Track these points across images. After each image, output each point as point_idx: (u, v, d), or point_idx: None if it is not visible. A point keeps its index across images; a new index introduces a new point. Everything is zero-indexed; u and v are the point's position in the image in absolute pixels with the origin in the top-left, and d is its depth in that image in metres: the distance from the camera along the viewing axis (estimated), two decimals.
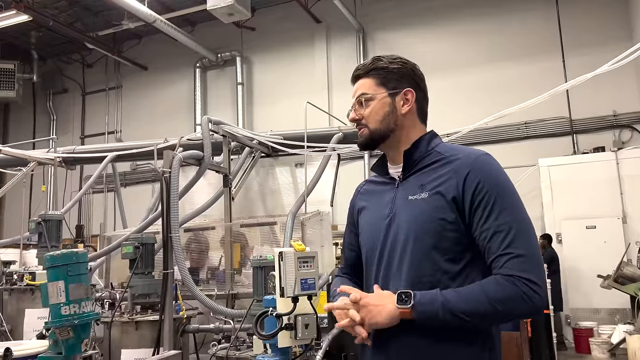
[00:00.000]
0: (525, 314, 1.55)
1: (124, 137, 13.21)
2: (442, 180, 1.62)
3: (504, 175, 1.62)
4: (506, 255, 1.50)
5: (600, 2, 9.91)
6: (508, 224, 1.52)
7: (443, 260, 1.58)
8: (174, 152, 4.19)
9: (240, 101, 12.20)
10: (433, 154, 1.71)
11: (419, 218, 1.62)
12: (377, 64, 1.78)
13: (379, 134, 1.75)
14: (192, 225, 5.00)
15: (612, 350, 7.43)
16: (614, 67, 4.22)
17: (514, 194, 1.60)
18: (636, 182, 8.64)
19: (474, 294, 1.50)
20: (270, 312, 2.91)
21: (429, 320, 1.50)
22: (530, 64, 10.12)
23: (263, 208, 5.66)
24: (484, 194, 1.56)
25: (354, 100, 1.80)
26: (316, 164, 5.21)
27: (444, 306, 1.48)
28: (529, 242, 1.53)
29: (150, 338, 4.11)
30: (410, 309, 1.49)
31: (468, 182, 1.57)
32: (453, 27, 10.81)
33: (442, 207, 1.59)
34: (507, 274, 1.48)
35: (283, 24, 12.12)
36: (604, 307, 8.39)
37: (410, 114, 1.77)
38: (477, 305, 1.48)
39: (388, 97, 1.75)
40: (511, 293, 1.47)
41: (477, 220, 1.55)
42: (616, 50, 9.04)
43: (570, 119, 9.87)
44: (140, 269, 4.35)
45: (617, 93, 9.41)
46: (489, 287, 1.49)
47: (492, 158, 1.66)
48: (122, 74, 13.83)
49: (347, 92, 7.52)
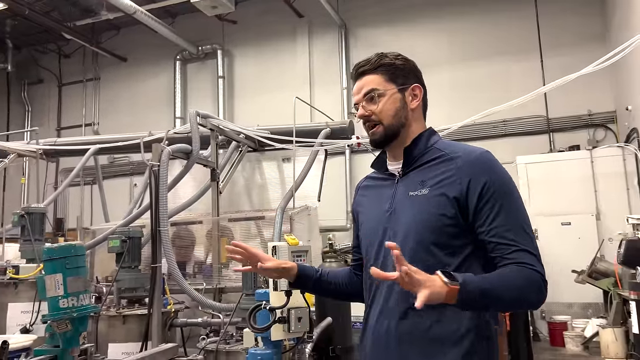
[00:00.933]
0: (536, 304, 1.58)
1: (101, 130, 13.00)
2: (443, 177, 1.65)
3: (506, 173, 1.66)
4: (523, 251, 1.55)
5: (577, 2, 10.12)
6: (517, 223, 1.58)
7: (443, 254, 1.61)
8: (163, 146, 4.16)
9: (221, 95, 12.11)
10: (433, 151, 1.73)
11: (419, 213, 1.64)
12: (384, 60, 1.77)
13: (392, 130, 1.75)
14: (178, 219, 4.98)
15: (586, 344, 7.64)
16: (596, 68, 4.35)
17: (517, 192, 1.66)
18: (609, 180, 8.86)
19: (507, 279, 1.52)
20: (264, 305, 2.93)
21: (472, 299, 1.45)
22: (509, 63, 10.27)
23: (249, 202, 5.66)
24: (491, 194, 1.59)
25: (360, 96, 1.77)
26: (302, 159, 5.23)
27: (482, 289, 1.46)
28: (535, 242, 1.61)
29: (138, 332, 4.10)
30: (459, 286, 1.42)
31: (473, 183, 1.60)
32: (434, 24, 10.91)
33: (443, 203, 1.61)
34: (532, 268, 1.54)
35: (265, 17, 12.06)
36: (577, 302, 8.59)
37: (418, 109, 1.80)
38: (508, 291, 1.51)
39: (398, 92, 1.76)
40: (534, 284, 1.53)
41: (485, 217, 1.58)
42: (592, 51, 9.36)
43: (547, 118, 10.07)
44: (127, 262, 4.33)
45: (592, 93, 9.62)
46: (519, 275, 1.52)
47: (492, 155, 1.69)
48: (100, 65, 13.57)
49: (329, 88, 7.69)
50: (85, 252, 2.43)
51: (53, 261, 2.34)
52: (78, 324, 2.35)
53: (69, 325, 2.32)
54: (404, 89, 1.76)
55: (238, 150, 5.56)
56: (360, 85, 1.79)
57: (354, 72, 1.82)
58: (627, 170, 8.76)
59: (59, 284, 2.32)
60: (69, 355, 2.37)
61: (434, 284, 1.41)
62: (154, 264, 4.06)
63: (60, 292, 2.32)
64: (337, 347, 4.28)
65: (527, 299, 1.54)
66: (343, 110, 10.97)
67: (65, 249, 2.36)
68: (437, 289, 1.40)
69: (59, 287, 2.33)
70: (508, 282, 1.51)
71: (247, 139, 5.48)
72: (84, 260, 2.42)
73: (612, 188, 8.84)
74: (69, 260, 2.35)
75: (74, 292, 2.34)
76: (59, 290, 2.32)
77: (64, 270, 2.33)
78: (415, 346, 1.60)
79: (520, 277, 1.52)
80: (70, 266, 2.35)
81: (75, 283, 2.35)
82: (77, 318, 2.33)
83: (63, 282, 2.32)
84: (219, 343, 3.83)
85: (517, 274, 1.53)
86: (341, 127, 5.28)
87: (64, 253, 2.35)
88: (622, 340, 6.79)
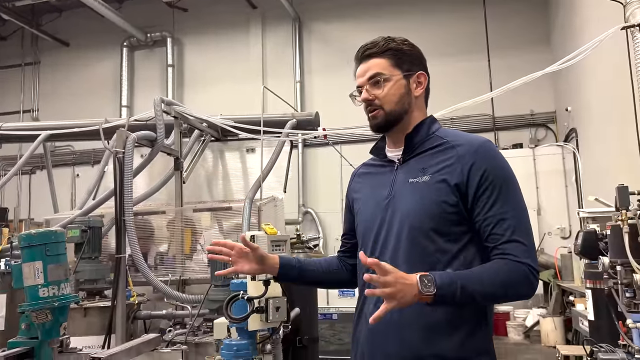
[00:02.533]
0: (524, 296, 1.60)
1: (41, 117, 12.37)
2: (444, 165, 1.65)
3: (507, 164, 1.67)
4: (513, 242, 1.56)
5: (522, 5, 10.54)
6: (512, 213, 1.59)
7: (442, 241, 1.62)
8: (128, 132, 4.03)
9: (170, 84, 11.82)
10: (434, 138, 1.73)
11: (421, 199, 1.64)
12: (392, 45, 1.75)
13: (394, 116, 1.74)
14: (140, 209, 4.84)
15: (527, 333, 8.03)
16: (540, 73, 4.61)
17: (516, 184, 1.65)
18: (550, 177, 9.35)
19: (488, 276, 1.54)
20: (242, 295, 2.90)
21: (446, 302, 1.50)
22: (456, 63, 10.51)
23: (210, 193, 5.57)
24: (490, 182, 1.60)
25: (365, 79, 1.75)
26: (266, 150, 5.20)
27: (462, 288, 1.49)
28: (529, 231, 1.61)
29: (100, 325, 3.96)
30: (432, 296, 1.45)
31: (474, 170, 1.61)
32: (388, 22, 11.02)
33: (444, 191, 1.62)
34: (516, 260, 1.54)
35: (217, 6, 11.85)
36: None
37: (421, 97, 1.80)
38: (491, 286, 1.53)
39: (403, 78, 1.74)
40: (520, 276, 1.54)
41: (482, 205, 1.60)
42: (537, 52, 9.80)
43: (493, 117, 10.47)
44: (87, 253, 4.17)
45: (535, 94, 10.06)
46: (500, 270, 1.54)
47: (494, 145, 1.71)
48: (40, 49, 12.90)
49: (281, 80, 7.68)
50: (65, 239, 2.32)
51: (32, 248, 2.21)
52: (59, 314, 2.23)
53: (49, 315, 2.20)
54: (409, 75, 1.75)
55: (201, 139, 5.45)
56: (365, 67, 1.76)
57: (359, 53, 1.79)
58: (566, 168, 9.27)
59: (39, 272, 2.20)
60: (47, 347, 2.26)
61: (405, 295, 1.43)
62: (118, 254, 3.92)
63: (40, 280, 2.20)
64: (305, 338, 4.30)
65: (513, 293, 1.56)
66: (297, 103, 10.96)
67: (46, 235, 2.23)
68: (408, 298, 1.44)
69: (38, 276, 2.20)
70: (489, 278, 1.53)
71: (210, 127, 5.38)
72: (65, 247, 2.31)
73: (552, 185, 9.33)
74: (50, 247, 2.23)
75: (54, 281, 2.22)
76: (38, 278, 2.20)
77: (44, 258, 2.21)
78: (417, 331, 1.60)
79: (504, 271, 1.54)
80: (51, 253, 2.23)
81: (56, 271, 2.23)
82: (57, 308, 2.22)
83: (43, 270, 2.21)
84: (187, 335, 3.76)
85: (500, 269, 1.54)
86: (307, 118, 5.29)
87: (43, 239, 2.22)
88: (561, 328, 7.19)
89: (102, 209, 4.67)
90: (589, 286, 3.59)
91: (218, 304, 3.81)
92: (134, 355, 2.35)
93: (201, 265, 4.60)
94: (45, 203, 7.86)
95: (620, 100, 5.48)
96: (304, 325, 4.29)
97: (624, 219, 2.76)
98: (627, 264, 2.78)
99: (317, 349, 4.55)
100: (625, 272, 2.86)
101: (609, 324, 3.18)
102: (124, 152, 3.94)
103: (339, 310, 6.02)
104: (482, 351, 1.62)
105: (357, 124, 6.84)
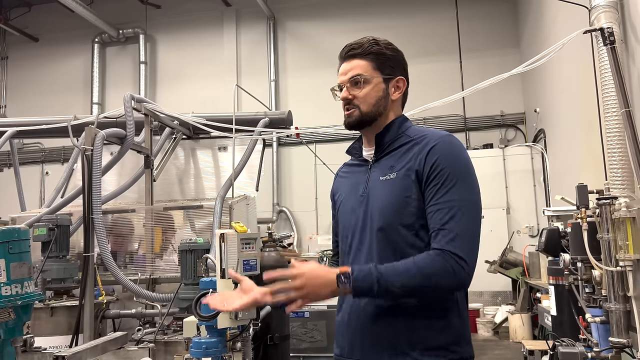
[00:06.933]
0: (450, 288, 1.61)
1: (8, 113, 12.09)
2: (409, 160, 1.70)
3: (463, 156, 1.70)
4: (442, 230, 1.57)
5: (492, 7, 10.72)
6: (452, 202, 1.59)
7: (411, 235, 1.65)
8: (97, 129, 3.98)
9: (143, 81, 11.66)
10: (403, 137, 1.78)
11: (388, 196, 1.69)
12: (375, 48, 1.78)
13: (369, 117, 1.78)
14: (109, 208, 4.78)
15: (496, 329, 8.20)
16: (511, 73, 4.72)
17: (469, 176, 1.66)
18: (519, 176, 9.55)
19: (406, 268, 1.55)
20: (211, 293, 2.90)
21: (365, 295, 1.56)
22: (428, 64, 10.61)
23: (182, 192, 5.52)
24: (438, 171, 1.62)
25: (346, 78, 1.79)
26: (238, 148, 5.18)
27: (379, 281, 1.52)
28: (467, 222, 1.59)
29: (67, 325, 3.90)
30: (350, 288, 1.53)
31: (428, 158, 1.65)
32: (362, 22, 11.06)
33: (408, 185, 1.66)
34: (439, 248, 1.55)
35: (190, 3, 11.76)
36: (487, 290, 9.15)
37: (398, 100, 1.84)
38: (408, 278, 1.54)
39: (383, 82, 1.79)
40: (440, 266, 1.53)
41: (428, 195, 1.63)
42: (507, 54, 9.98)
43: (464, 117, 10.62)
44: (55, 252, 4.11)
45: (505, 95, 10.27)
46: (420, 261, 1.55)
47: (456, 139, 1.74)
48: (8, 44, 12.60)
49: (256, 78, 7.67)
50: (29, 237, 2.29)
51: None
52: (22, 312, 2.22)
53: (11, 314, 2.18)
54: (389, 79, 1.80)
55: (172, 137, 5.40)
56: (347, 67, 1.80)
57: (343, 52, 1.83)
58: (535, 168, 9.47)
59: (1, 270, 2.18)
60: (10, 346, 2.23)
61: (318, 293, 1.55)
62: (86, 252, 3.87)
63: (2, 278, 2.18)
64: (275, 336, 4.31)
65: (433, 283, 1.55)
66: (271, 102, 10.93)
67: (8, 232, 2.21)
68: (323, 295, 1.55)
69: (0, 274, 2.18)
70: (406, 268, 1.55)
71: (181, 125, 5.34)
72: (28, 245, 2.28)
73: (521, 184, 9.52)
74: (12, 245, 2.20)
75: (17, 279, 2.20)
76: (1, 276, 2.18)
77: (6, 255, 2.19)
78: (394, 322, 1.63)
79: (424, 260, 1.55)
80: (14, 251, 2.20)
81: (19, 269, 2.21)
82: (21, 306, 2.20)
83: (6, 268, 2.18)
84: (157, 334, 3.74)
85: (421, 259, 1.56)
86: (280, 117, 5.29)
87: (6, 237, 2.20)
88: (528, 324, 7.35)
89: (71, 207, 4.60)
90: (551, 282, 3.68)
91: (188, 302, 3.80)
92: (100, 354, 2.33)
93: (171, 264, 4.57)
94: (12, 201, 7.68)
95: (585, 101, 5.63)
96: (275, 323, 4.31)
97: (584, 216, 2.84)
98: (586, 260, 2.87)
99: (288, 346, 4.56)
100: (585, 269, 2.95)
101: (570, 319, 3.27)
102: (93, 149, 3.89)
103: (311, 308, 6.04)
104: (458, 340, 1.66)
105: (330, 123, 6.90)
